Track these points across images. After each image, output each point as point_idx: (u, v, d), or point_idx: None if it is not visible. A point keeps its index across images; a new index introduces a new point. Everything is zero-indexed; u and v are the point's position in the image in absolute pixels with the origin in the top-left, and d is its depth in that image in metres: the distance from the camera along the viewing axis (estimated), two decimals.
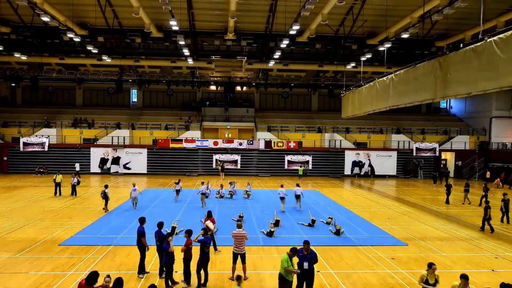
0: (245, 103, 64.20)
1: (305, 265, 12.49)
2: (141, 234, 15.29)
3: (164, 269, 14.58)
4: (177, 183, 33.13)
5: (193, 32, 43.74)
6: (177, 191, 32.87)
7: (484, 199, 30.89)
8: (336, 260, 17.60)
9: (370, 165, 55.13)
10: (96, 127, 56.08)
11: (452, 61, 17.71)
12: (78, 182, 34.91)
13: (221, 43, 46.92)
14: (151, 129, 56.85)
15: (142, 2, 36.15)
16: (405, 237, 21.90)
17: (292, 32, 34.08)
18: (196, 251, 14.58)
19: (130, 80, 59.25)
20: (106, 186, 28.06)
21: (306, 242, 12.81)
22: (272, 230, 21.21)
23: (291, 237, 20.65)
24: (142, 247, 15.25)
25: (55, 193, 33.80)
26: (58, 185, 33.99)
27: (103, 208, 27.47)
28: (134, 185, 29.28)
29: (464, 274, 10.98)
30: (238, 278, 11.78)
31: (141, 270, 15.43)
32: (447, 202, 33.83)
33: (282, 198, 28.76)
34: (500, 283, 10.87)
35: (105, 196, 27.54)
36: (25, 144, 51.14)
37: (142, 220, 15.94)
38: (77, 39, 36.87)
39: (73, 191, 34.06)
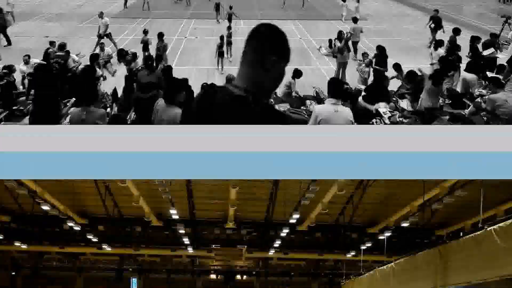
0: None
1: None
2: None
3: None
4: None
5: (193, 221, 44.06)
6: None
7: None
8: None
9: None
10: None
11: (452, 250, 17.63)
12: None
13: (221, 232, 46.97)
14: None
15: (142, 191, 36.91)
16: None
17: (292, 221, 34.27)
18: None
19: (130, 269, 58.26)
20: None
21: None
22: None
23: None
24: None
25: None
26: None
27: None
28: None
29: None
30: None
31: None
32: None
33: None
34: None
35: None
36: None
37: None
38: (77, 228, 37.02)
39: None
